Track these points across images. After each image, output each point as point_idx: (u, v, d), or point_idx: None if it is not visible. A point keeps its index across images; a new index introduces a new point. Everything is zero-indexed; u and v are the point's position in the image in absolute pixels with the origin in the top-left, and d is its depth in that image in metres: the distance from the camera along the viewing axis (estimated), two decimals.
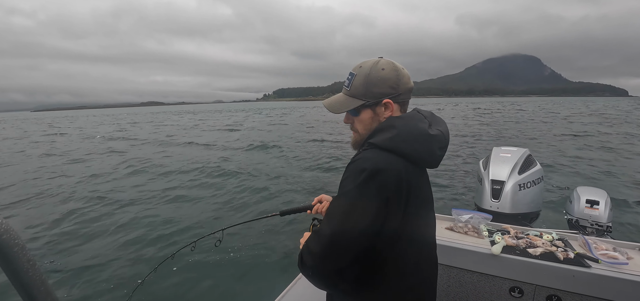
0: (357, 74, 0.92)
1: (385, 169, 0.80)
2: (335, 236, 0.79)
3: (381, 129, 0.88)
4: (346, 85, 0.95)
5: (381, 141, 0.85)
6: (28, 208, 6.34)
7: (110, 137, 20.00)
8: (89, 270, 3.78)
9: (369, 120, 0.93)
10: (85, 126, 35.25)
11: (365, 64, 0.92)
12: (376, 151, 0.84)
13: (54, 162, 11.73)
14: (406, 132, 0.85)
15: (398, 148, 0.83)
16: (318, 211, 1.30)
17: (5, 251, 0.37)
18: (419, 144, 0.86)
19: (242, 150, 12.86)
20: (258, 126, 24.44)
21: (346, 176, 0.84)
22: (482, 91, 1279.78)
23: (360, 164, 0.82)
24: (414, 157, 0.85)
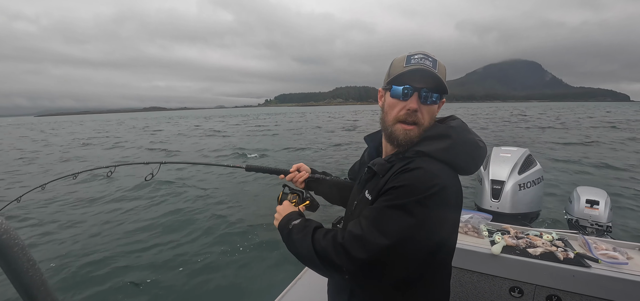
0: (439, 62, 0.83)
1: (449, 186, 0.76)
2: (395, 250, 0.72)
3: (434, 137, 0.81)
4: (431, 65, 0.81)
5: (436, 151, 0.79)
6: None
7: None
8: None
9: (435, 113, 0.87)
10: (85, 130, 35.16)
11: (433, 54, 0.85)
12: (433, 162, 0.78)
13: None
14: (461, 144, 0.81)
15: (452, 160, 0.79)
16: (294, 179, 1.21)
17: (5, 252, 0.37)
18: (471, 157, 0.83)
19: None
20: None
21: (404, 185, 0.75)
22: (483, 96, 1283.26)
23: (424, 174, 0.75)
24: (465, 169, 0.83)
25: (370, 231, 0.74)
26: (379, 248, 0.71)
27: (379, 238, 0.72)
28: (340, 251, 0.76)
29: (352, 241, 0.75)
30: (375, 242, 0.72)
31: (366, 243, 0.73)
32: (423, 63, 0.80)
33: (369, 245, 0.72)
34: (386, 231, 0.72)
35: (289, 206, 1.02)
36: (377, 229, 0.73)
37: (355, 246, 0.74)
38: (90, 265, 3.88)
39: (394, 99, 0.85)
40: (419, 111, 0.82)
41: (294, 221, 0.91)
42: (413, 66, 0.81)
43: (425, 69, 0.79)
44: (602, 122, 24.83)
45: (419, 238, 0.73)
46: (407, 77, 0.81)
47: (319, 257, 0.79)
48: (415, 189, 0.73)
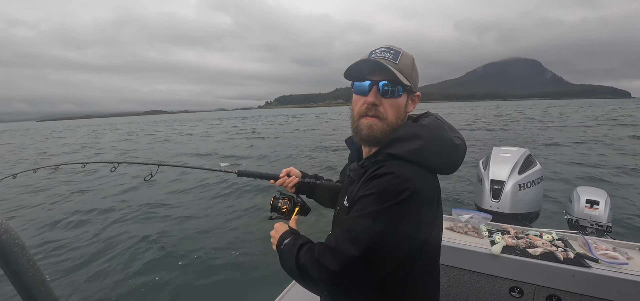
0: (402, 54, 0.81)
1: (419, 189, 0.72)
2: (365, 260, 0.71)
3: (405, 139, 0.78)
4: (391, 58, 0.79)
5: (407, 153, 0.76)
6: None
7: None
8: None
9: (402, 107, 0.83)
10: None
11: (402, 48, 0.83)
12: (403, 165, 0.75)
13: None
14: (434, 144, 0.77)
15: (426, 161, 0.76)
16: (284, 184, 1.20)
17: (5, 252, 0.37)
18: (446, 156, 0.79)
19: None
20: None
21: (373, 192, 0.74)
22: (483, 95, 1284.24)
23: (392, 180, 0.73)
24: (440, 169, 0.80)
25: (342, 242, 0.73)
26: (349, 259, 0.71)
27: (350, 249, 0.71)
28: (315, 265, 0.76)
29: (326, 254, 0.75)
30: (346, 253, 0.71)
31: (337, 254, 0.73)
32: (383, 56, 0.80)
33: (340, 256, 0.72)
34: (356, 241, 0.71)
35: (281, 226, 1.00)
36: (349, 240, 0.72)
37: (328, 258, 0.74)
38: (86, 266, 3.88)
39: (356, 95, 0.85)
40: (380, 104, 0.80)
41: (285, 240, 0.91)
42: (372, 59, 0.80)
43: (382, 62, 0.78)
44: (608, 119, 24.58)
45: (391, 245, 0.72)
46: (366, 71, 0.80)
47: (300, 272, 0.80)
48: (384, 196, 0.71)
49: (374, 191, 0.73)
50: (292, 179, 1.21)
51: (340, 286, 0.74)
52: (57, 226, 5.24)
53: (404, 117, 0.85)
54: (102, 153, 16.55)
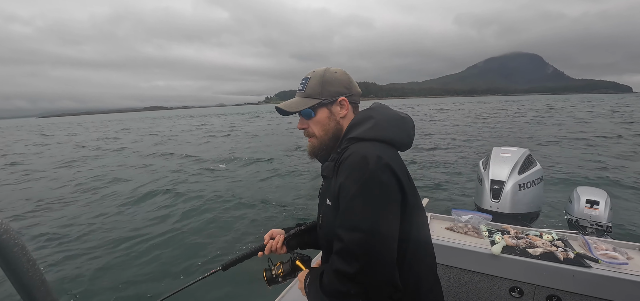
0: (312, 77, 0.95)
1: (384, 156, 0.79)
2: (374, 235, 0.73)
3: (358, 123, 0.89)
4: (301, 89, 0.96)
5: (363, 132, 0.85)
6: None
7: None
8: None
9: (326, 119, 0.94)
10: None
11: (317, 69, 0.97)
12: (365, 143, 0.83)
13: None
14: (384, 120, 0.88)
15: (383, 135, 0.85)
16: (272, 249, 1.14)
17: (5, 252, 0.37)
18: (398, 128, 0.89)
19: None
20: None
21: (347, 175, 0.79)
22: (484, 90, 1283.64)
23: (357, 157, 0.79)
24: (398, 141, 0.88)
25: (347, 236, 0.75)
26: (360, 245, 0.73)
27: (356, 236, 0.74)
28: (337, 277, 0.77)
29: (340, 259, 0.77)
30: (355, 241, 0.74)
31: (349, 250, 0.75)
32: (299, 89, 0.97)
33: (353, 249, 0.74)
34: (357, 226, 0.75)
35: (302, 274, 0.99)
36: (352, 230, 0.75)
37: (345, 260, 0.75)
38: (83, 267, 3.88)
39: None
40: (307, 127, 0.97)
41: (307, 280, 0.92)
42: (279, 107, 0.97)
43: (293, 100, 0.97)
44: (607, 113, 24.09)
45: (385, 212, 0.76)
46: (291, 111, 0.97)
47: (330, 295, 0.80)
48: (358, 173, 0.77)
49: (348, 173, 0.80)
50: (277, 239, 1.15)
51: (367, 279, 0.74)
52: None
53: (335, 124, 0.95)
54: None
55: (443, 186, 6.86)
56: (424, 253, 0.91)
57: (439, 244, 1.71)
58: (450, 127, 19.03)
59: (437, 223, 1.99)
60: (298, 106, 0.95)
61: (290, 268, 1.09)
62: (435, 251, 1.70)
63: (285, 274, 1.09)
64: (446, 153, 11.11)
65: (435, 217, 2.08)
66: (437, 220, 2.05)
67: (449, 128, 18.68)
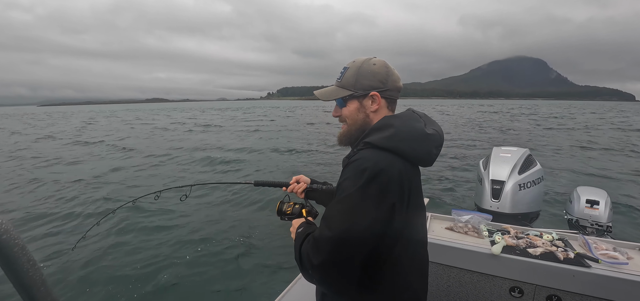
0: (350, 67, 0.95)
1: (387, 170, 0.79)
2: (339, 241, 0.77)
3: (378, 128, 0.88)
4: (338, 78, 0.98)
5: (378, 140, 0.84)
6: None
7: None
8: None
9: (355, 111, 0.95)
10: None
11: (358, 59, 0.96)
12: (375, 151, 0.83)
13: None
14: (404, 132, 0.85)
15: (397, 148, 0.83)
16: (294, 190, 1.27)
17: (5, 252, 0.37)
18: (417, 143, 0.86)
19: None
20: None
21: (346, 177, 0.83)
22: (487, 93, 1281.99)
23: (361, 164, 0.81)
24: (412, 156, 0.86)
25: (321, 229, 0.81)
26: (327, 242, 0.77)
27: (326, 232, 0.79)
28: (306, 255, 0.83)
29: (312, 244, 0.82)
30: (323, 236, 0.79)
31: (318, 242, 0.80)
32: (337, 78, 0.99)
33: (320, 243, 0.79)
34: (331, 225, 0.79)
35: (299, 220, 1.06)
36: (326, 226, 0.80)
37: (313, 248, 0.81)
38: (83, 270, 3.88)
39: None
40: (340, 114, 0.99)
41: (299, 229, 0.96)
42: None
43: (331, 86, 1.00)
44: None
45: (361, 224, 0.77)
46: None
47: (300, 262, 0.86)
48: (353, 179, 0.80)
49: (346, 176, 0.83)
50: (301, 185, 1.26)
51: (325, 273, 0.79)
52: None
53: (364, 117, 0.95)
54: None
55: (443, 186, 6.86)
56: (409, 263, 0.91)
57: (439, 244, 1.71)
58: (451, 128, 19.03)
59: (437, 223, 1.99)
60: (330, 95, 0.98)
61: (298, 213, 1.18)
62: (436, 251, 1.71)
63: (291, 214, 1.19)
64: (446, 153, 11.12)
65: (435, 217, 2.08)
66: (437, 220, 2.05)
67: (449, 128, 18.68)
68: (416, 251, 0.93)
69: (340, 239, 0.77)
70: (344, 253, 0.77)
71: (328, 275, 0.80)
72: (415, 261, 0.93)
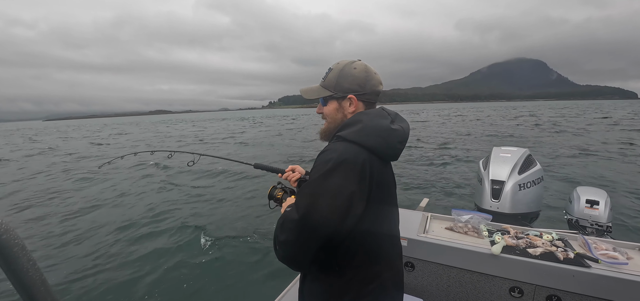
0: (333, 69, 1.03)
1: (350, 159, 0.86)
2: (301, 221, 0.83)
3: (349, 124, 0.95)
4: (323, 78, 1.05)
5: (348, 134, 0.92)
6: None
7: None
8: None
9: (333, 111, 1.03)
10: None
11: (342, 61, 1.03)
12: (343, 143, 0.90)
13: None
14: (370, 127, 0.92)
15: (363, 141, 0.90)
16: (288, 178, 1.34)
17: (6, 251, 0.37)
18: (381, 138, 0.92)
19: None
20: None
21: (314, 166, 0.91)
22: (488, 95, 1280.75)
23: (327, 155, 0.88)
24: (377, 149, 0.92)
25: (287, 212, 0.89)
26: (292, 223, 0.85)
27: (293, 215, 0.85)
28: (275, 237, 0.91)
29: (279, 225, 0.90)
30: (291, 219, 0.85)
31: (284, 223, 0.87)
32: (322, 77, 1.06)
33: (286, 224, 0.86)
34: (298, 208, 0.86)
35: (291, 199, 1.13)
36: (296, 207, 0.87)
37: (280, 227, 0.89)
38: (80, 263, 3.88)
39: None
40: (322, 112, 1.07)
41: (287, 209, 0.99)
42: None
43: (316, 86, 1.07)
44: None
45: (323, 209, 0.83)
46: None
47: (275, 251, 0.92)
48: (319, 167, 0.88)
49: (315, 165, 0.91)
50: (295, 174, 1.32)
51: (285, 250, 0.87)
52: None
53: (342, 116, 1.02)
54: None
55: (443, 186, 6.86)
56: (376, 254, 0.96)
57: (439, 244, 1.71)
58: (451, 127, 18.98)
59: (437, 223, 1.99)
60: (312, 94, 1.06)
61: (283, 197, 1.24)
62: (436, 251, 1.71)
63: (280, 200, 1.24)
64: (446, 153, 11.11)
65: (435, 217, 2.08)
66: (437, 220, 2.05)
67: (450, 128, 18.64)
68: (384, 242, 0.99)
69: (302, 222, 0.83)
70: (303, 234, 0.84)
71: (288, 252, 0.87)
72: (382, 253, 0.98)
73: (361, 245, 0.92)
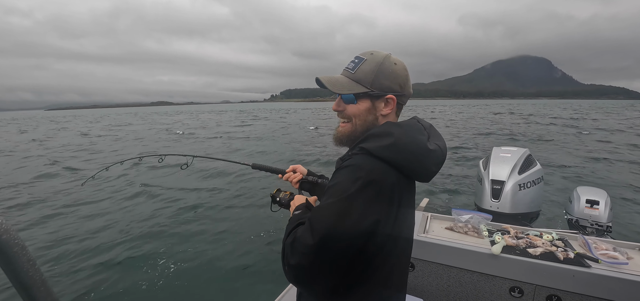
0: (367, 60, 0.85)
1: (378, 181, 0.74)
2: (317, 247, 0.72)
3: (377, 135, 0.80)
4: (350, 68, 0.86)
5: (375, 148, 0.77)
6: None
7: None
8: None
9: (365, 111, 0.86)
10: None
11: (377, 52, 0.86)
12: (370, 159, 0.77)
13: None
14: (403, 143, 0.77)
15: (393, 159, 0.77)
16: (289, 179, 1.25)
17: (6, 251, 0.37)
18: (415, 158, 0.79)
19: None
20: None
21: (337, 181, 0.77)
22: (491, 93, 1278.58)
23: (354, 171, 0.75)
24: (408, 170, 0.79)
25: (303, 232, 0.76)
26: (306, 248, 0.73)
27: (308, 239, 0.74)
28: (286, 250, 0.79)
29: (290, 245, 0.78)
30: (304, 243, 0.74)
31: (297, 245, 0.76)
32: (348, 66, 0.88)
33: (299, 247, 0.75)
34: (314, 231, 0.73)
35: (301, 198, 1.04)
36: (309, 230, 0.75)
37: (292, 249, 0.77)
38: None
39: None
40: (344, 110, 0.88)
41: (297, 211, 0.92)
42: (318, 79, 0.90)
43: (340, 75, 0.89)
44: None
45: (344, 234, 0.73)
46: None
47: (283, 250, 0.81)
48: (342, 186, 0.74)
49: (336, 182, 0.77)
50: (296, 175, 1.23)
51: (298, 276, 0.77)
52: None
53: (374, 119, 0.87)
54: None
55: (443, 186, 6.86)
56: (387, 278, 0.86)
57: (439, 244, 1.71)
58: (451, 128, 18.99)
59: (437, 223, 1.99)
60: (342, 88, 0.86)
61: (288, 203, 1.16)
62: (436, 251, 1.71)
63: (282, 203, 1.18)
64: (446, 153, 11.08)
65: (435, 217, 2.08)
66: (437, 220, 2.05)
67: (450, 129, 18.65)
68: (400, 259, 0.89)
69: (319, 248, 0.73)
70: (319, 259, 0.73)
71: (300, 278, 0.77)
72: (393, 275, 0.87)
73: (374, 268, 0.81)
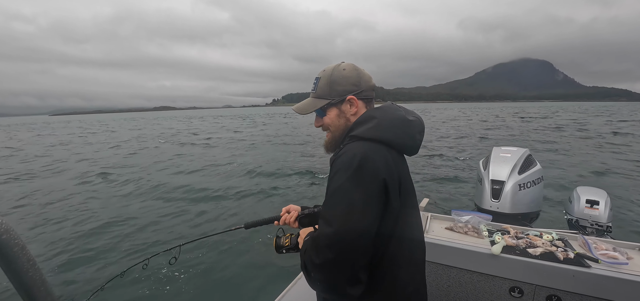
0: (322, 77, 0.98)
1: (373, 157, 0.80)
2: (341, 233, 0.75)
3: (361, 122, 0.90)
4: (313, 89, 1.00)
5: (363, 131, 0.86)
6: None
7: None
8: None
9: (335, 118, 0.97)
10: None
11: (327, 67, 0.99)
12: (360, 142, 0.85)
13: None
14: (387, 121, 0.87)
15: (381, 136, 0.85)
16: (286, 222, 1.24)
17: (6, 251, 0.37)
18: (401, 130, 0.88)
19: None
20: None
21: (336, 171, 0.82)
22: (493, 96, 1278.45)
23: (349, 155, 0.81)
24: (397, 143, 0.87)
25: (321, 228, 0.79)
26: (328, 239, 0.76)
27: (327, 229, 0.77)
28: (307, 259, 0.82)
29: (313, 248, 0.80)
30: (326, 234, 0.76)
31: (319, 240, 0.78)
32: (311, 89, 1.00)
33: (321, 241, 0.77)
34: (330, 220, 0.77)
35: (306, 229, 1.06)
36: (325, 222, 0.79)
37: (314, 248, 0.80)
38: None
39: None
40: (322, 124, 1.01)
41: (306, 238, 0.94)
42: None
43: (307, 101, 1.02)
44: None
45: (357, 213, 0.76)
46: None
47: (303, 270, 0.86)
48: (343, 170, 0.79)
49: (336, 169, 0.82)
50: (292, 214, 1.24)
51: (328, 272, 0.77)
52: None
53: (345, 121, 0.97)
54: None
55: (443, 186, 6.86)
56: (409, 257, 0.91)
57: (439, 244, 1.71)
58: (451, 128, 19.00)
59: (437, 223, 1.99)
60: (308, 108, 1.00)
61: (296, 242, 1.13)
62: (436, 251, 1.71)
63: (290, 246, 1.14)
64: (446, 153, 11.11)
65: (435, 217, 2.08)
66: (437, 220, 2.05)
67: (450, 129, 18.64)
68: (412, 249, 0.93)
69: (340, 232, 0.75)
70: (346, 245, 0.75)
71: (331, 274, 0.77)
72: (413, 259, 0.93)
73: (393, 253, 0.85)
